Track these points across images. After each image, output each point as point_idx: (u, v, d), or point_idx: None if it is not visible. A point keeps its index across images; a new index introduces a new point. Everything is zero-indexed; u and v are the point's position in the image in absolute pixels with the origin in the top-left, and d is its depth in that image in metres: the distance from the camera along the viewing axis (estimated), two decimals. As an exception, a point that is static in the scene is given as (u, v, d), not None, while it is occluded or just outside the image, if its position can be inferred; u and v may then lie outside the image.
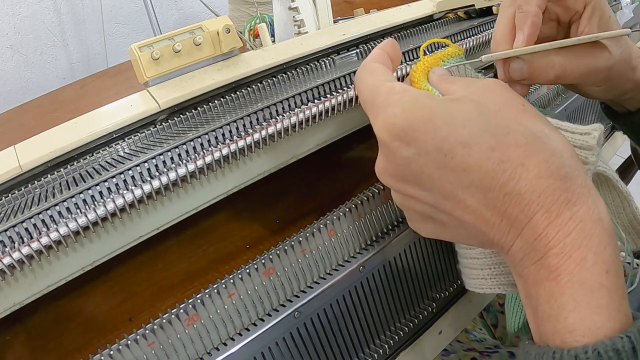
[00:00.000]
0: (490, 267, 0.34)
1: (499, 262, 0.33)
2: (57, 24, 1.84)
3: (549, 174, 0.23)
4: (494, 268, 0.34)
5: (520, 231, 0.24)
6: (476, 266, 0.34)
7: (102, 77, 0.90)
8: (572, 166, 0.24)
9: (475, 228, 0.26)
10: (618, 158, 0.96)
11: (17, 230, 0.29)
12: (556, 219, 0.23)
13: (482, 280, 0.34)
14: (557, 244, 0.23)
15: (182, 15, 2.15)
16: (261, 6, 1.00)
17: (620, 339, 0.21)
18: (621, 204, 0.38)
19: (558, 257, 0.23)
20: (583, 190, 0.24)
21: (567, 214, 0.23)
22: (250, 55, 0.44)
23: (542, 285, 0.23)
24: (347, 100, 0.39)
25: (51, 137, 0.36)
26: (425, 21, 0.55)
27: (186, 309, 0.30)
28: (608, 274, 0.22)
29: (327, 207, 0.38)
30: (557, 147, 0.24)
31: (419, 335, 0.41)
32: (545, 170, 0.23)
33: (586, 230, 0.23)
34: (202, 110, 0.40)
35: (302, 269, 0.35)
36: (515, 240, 0.24)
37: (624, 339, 0.21)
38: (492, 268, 0.34)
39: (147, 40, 0.40)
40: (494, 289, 0.34)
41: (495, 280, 0.34)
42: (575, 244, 0.22)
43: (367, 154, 0.49)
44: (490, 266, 0.34)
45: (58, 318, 0.35)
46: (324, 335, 0.35)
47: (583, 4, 0.33)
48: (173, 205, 0.36)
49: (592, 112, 0.69)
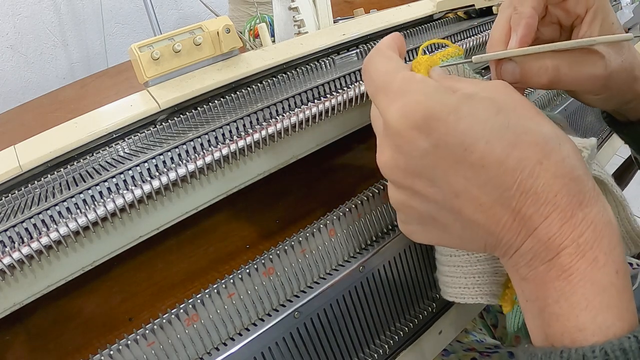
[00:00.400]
0: (474, 276, 0.33)
1: (484, 271, 0.33)
2: (57, 24, 1.84)
3: (564, 174, 0.23)
4: (478, 277, 0.33)
5: (533, 231, 0.24)
6: (459, 274, 0.34)
7: (102, 77, 0.90)
8: (583, 169, 0.24)
9: (483, 229, 0.25)
10: (618, 158, 0.96)
11: (17, 230, 0.29)
12: (570, 219, 0.23)
13: (465, 289, 0.34)
14: (571, 243, 0.23)
15: (182, 15, 2.15)
16: (261, 6, 1.00)
17: (627, 338, 0.21)
18: (616, 209, 0.38)
19: (571, 257, 0.23)
20: (593, 193, 0.24)
21: (580, 215, 0.23)
22: (250, 55, 0.44)
23: (551, 285, 0.23)
24: (347, 100, 0.39)
25: (51, 137, 0.36)
26: (425, 21, 0.55)
27: (186, 309, 0.30)
28: (618, 274, 0.23)
29: (327, 207, 0.38)
30: (570, 150, 0.25)
31: (419, 335, 0.41)
32: (561, 170, 0.23)
33: (597, 231, 0.23)
34: (202, 110, 0.40)
35: (302, 269, 0.35)
36: (526, 240, 0.24)
37: (631, 338, 0.21)
38: (476, 277, 0.33)
39: (147, 40, 0.40)
40: (476, 298, 0.34)
41: (477, 290, 0.33)
42: (587, 244, 0.23)
43: (367, 154, 0.49)
44: (475, 275, 0.33)
45: (58, 318, 0.35)
46: (324, 335, 0.35)
47: (585, 7, 0.32)
48: (173, 205, 0.36)
49: (592, 112, 0.69)
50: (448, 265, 0.35)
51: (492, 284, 0.34)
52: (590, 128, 0.70)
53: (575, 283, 0.23)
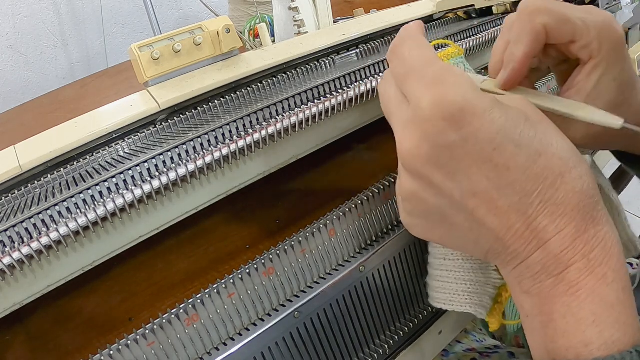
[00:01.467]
0: (465, 283, 0.33)
1: (476, 280, 0.33)
2: (57, 24, 1.84)
3: (582, 191, 0.24)
4: (469, 285, 0.33)
5: (545, 242, 0.24)
6: (450, 280, 0.34)
7: (102, 77, 0.90)
8: (596, 189, 0.25)
9: (492, 234, 0.25)
10: (618, 158, 0.96)
11: (17, 230, 0.29)
12: (583, 234, 0.23)
13: (455, 295, 0.34)
14: (581, 258, 0.23)
15: (182, 15, 2.15)
16: (261, 6, 1.00)
17: (629, 353, 0.21)
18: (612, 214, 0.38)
19: (580, 272, 0.23)
20: (603, 213, 0.25)
21: (593, 231, 0.24)
22: (250, 55, 0.44)
23: (558, 300, 0.23)
24: (347, 100, 0.39)
25: (51, 137, 0.36)
26: (425, 21, 0.55)
27: (186, 309, 0.30)
28: (624, 291, 0.23)
29: (327, 207, 0.38)
30: (586, 169, 0.25)
31: (419, 335, 0.41)
32: (579, 186, 0.24)
33: (607, 249, 0.24)
34: (202, 110, 0.40)
35: (302, 269, 0.35)
36: (536, 251, 0.24)
37: (633, 353, 0.21)
38: (468, 284, 0.33)
39: (147, 40, 0.40)
40: (465, 307, 0.33)
41: (467, 298, 0.33)
42: (597, 260, 0.23)
43: (367, 154, 0.49)
44: (466, 282, 0.33)
45: (58, 318, 0.35)
46: (324, 335, 0.35)
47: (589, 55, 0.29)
48: (173, 205, 0.36)
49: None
50: (440, 270, 0.35)
51: (483, 294, 0.33)
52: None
53: (583, 299, 0.23)
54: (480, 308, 0.33)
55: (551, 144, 0.24)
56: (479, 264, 0.33)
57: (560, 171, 0.24)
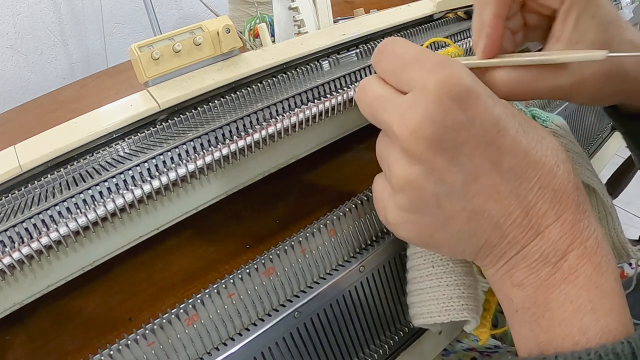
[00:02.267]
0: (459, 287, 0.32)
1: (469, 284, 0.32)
2: (57, 24, 1.84)
3: (574, 182, 0.25)
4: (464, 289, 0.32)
5: (544, 229, 0.24)
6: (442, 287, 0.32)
7: (102, 77, 0.90)
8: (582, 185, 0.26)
9: (490, 222, 0.24)
10: (618, 158, 0.96)
11: (17, 230, 0.29)
12: (579, 222, 0.24)
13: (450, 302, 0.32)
14: (579, 245, 0.24)
15: (182, 15, 2.15)
16: (261, 6, 1.00)
17: (621, 343, 0.21)
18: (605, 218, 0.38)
19: (579, 259, 0.23)
20: (590, 208, 0.25)
21: (585, 222, 0.24)
22: (250, 55, 0.44)
23: (555, 288, 0.24)
24: (347, 100, 0.39)
25: (51, 137, 0.36)
26: (425, 21, 0.55)
27: (186, 309, 0.30)
28: (617, 281, 0.24)
29: (327, 207, 0.38)
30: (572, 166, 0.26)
31: (419, 336, 0.41)
32: (572, 179, 0.25)
33: (599, 239, 0.24)
34: (202, 110, 0.40)
35: (302, 269, 0.35)
36: (534, 239, 0.24)
37: (624, 343, 0.21)
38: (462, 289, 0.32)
39: (147, 40, 0.40)
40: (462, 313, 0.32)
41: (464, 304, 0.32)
42: (592, 248, 0.24)
43: (367, 154, 0.49)
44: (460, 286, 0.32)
45: (58, 318, 0.35)
46: (324, 335, 0.35)
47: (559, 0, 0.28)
48: (173, 205, 0.36)
49: (592, 112, 0.69)
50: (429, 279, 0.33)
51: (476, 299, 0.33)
52: (591, 128, 0.70)
53: (580, 287, 0.23)
54: (475, 314, 0.32)
55: (543, 136, 0.25)
56: (468, 266, 0.33)
57: (555, 161, 0.25)
